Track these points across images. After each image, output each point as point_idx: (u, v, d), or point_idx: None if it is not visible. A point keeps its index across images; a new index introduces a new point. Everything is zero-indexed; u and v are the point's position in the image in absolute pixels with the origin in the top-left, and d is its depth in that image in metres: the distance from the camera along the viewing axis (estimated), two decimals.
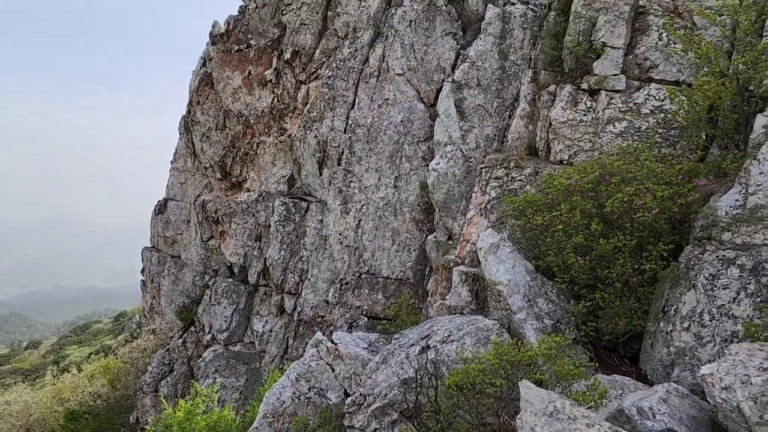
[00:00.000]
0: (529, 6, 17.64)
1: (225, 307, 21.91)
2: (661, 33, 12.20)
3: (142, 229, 30.26)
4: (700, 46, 10.70)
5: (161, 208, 27.45)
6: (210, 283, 23.23)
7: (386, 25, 19.63)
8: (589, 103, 12.44)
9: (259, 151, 22.02)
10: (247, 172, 22.59)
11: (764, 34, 10.87)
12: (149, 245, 28.28)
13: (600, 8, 13.14)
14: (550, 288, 9.25)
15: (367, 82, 19.44)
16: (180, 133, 26.50)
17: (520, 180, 12.30)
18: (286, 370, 11.59)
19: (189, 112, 24.48)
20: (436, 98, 18.51)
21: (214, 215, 23.07)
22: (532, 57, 16.57)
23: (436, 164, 16.95)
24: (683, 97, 10.67)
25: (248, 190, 22.54)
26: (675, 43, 11.86)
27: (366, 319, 18.24)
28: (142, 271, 28.16)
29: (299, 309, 19.83)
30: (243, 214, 21.95)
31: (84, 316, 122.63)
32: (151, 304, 27.06)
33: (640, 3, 12.75)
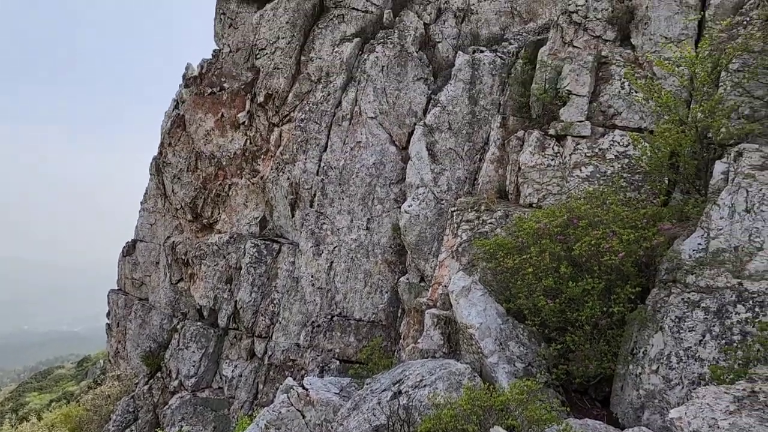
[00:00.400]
0: (498, 54, 18.19)
1: (193, 352, 21.42)
2: (624, 82, 12.67)
3: (109, 271, 29.63)
4: (660, 95, 11.14)
5: (129, 250, 27.00)
6: (178, 326, 22.76)
7: (359, 69, 20.00)
8: (556, 148, 12.77)
9: (230, 193, 21.95)
10: (219, 213, 22.45)
11: (720, 84, 11.37)
12: (116, 288, 27.68)
13: (565, 58, 13.63)
14: (522, 331, 9.30)
15: (339, 125, 19.67)
16: (151, 174, 26.31)
17: (490, 223, 12.47)
18: (255, 417, 11.33)
19: (161, 153, 24.37)
20: (408, 141, 18.79)
21: (183, 257, 22.77)
22: (501, 103, 17.02)
23: (408, 206, 17.09)
24: (646, 144, 11.04)
25: (219, 232, 22.36)
26: (636, 92, 12.31)
27: (338, 362, 18.00)
28: (108, 314, 27.48)
29: (270, 353, 19.51)
30: (213, 256, 21.71)
31: (46, 361, 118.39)
32: (116, 348, 26.33)
33: (603, 53, 13.27)
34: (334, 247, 19.00)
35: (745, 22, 12.15)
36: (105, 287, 29.14)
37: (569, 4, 13.85)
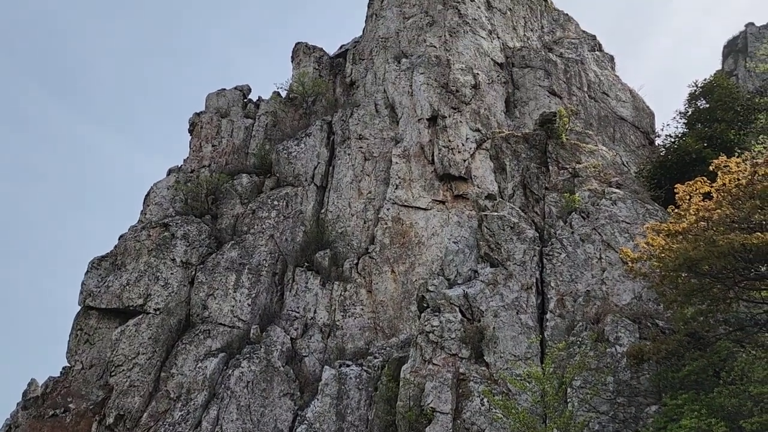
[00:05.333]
0: (364, 368, 18.55)
1: None
2: (483, 398, 13.17)
3: None
4: (518, 412, 11.60)
5: None
6: None
7: (222, 386, 19.33)
8: None
9: None
10: None
11: (568, 400, 12.16)
12: None
13: (426, 375, 14.17)
14: None
15: None
16: None
17: None
18: None
19: None
20: None
21: None
22: (369, 418, 16.79)
23: None
24: None
25: None
26: (496, 409, 12.74)
27: None
28: None
29: None
30: None
31: None
32: None
33: (461, 371, 13.99)
34: None
35: (579, 342, 13.64)
36: None
37: (425, 325, 14.93)
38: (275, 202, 24.09)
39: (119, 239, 23.55)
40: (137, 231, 23.44)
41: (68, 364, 21.43)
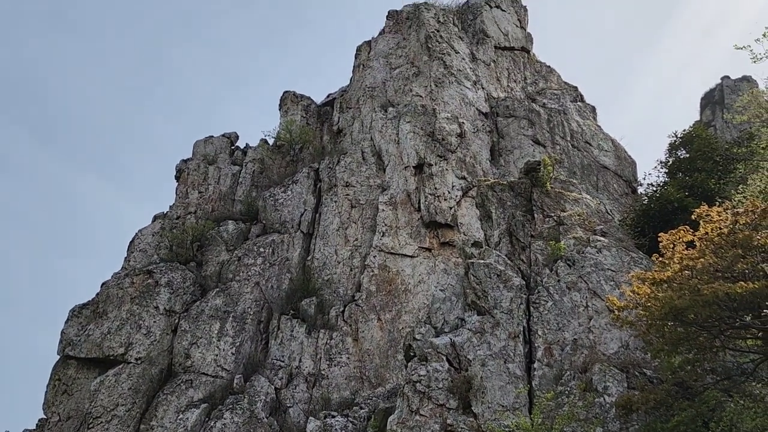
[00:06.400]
0: (349, 419, 18.17)
1: None
2: None
3: None
4: None
5: None
6: None
7: None
8: None
9: None
10: None
11: None
12: None
13: (413, 426, 13.90)
14: None
15: None
16: None
17: None
18: None
19: None
20: None
21: None
22: None
23: None
24: None
25: None
26: None
27: None
28: None
29: None
30: None
31: None
32: None
33: (448, 422, 13.73)
34: None
35: (567, 391, 13.49)
36: None
37: (412, 374, 14.71)
38: (261, 249, 23.98)
39: (102, 286, 23.21)
40: (120, 278, 23.14)
41: (45, 416, 20.77)
